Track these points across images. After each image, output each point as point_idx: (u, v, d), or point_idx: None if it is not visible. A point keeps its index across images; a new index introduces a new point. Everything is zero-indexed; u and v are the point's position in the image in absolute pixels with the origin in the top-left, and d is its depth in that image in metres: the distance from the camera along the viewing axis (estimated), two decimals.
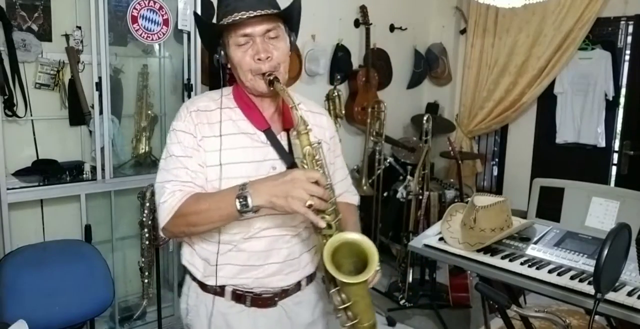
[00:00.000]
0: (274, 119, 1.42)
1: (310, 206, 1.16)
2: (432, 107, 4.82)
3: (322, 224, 1.18)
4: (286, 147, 1.39)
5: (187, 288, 1.50)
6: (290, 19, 1.38)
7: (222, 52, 1.36)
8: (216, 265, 1.38)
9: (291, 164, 1.36)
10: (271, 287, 1.41)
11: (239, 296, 1.41)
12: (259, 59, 1.30)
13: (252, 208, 1.20)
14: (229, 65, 1.39)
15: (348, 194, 1.61)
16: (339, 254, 1.21)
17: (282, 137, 1.40)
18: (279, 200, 1.18)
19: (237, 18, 1.27)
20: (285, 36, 1.36)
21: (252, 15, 1.26)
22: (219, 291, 1.41)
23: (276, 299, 1.43)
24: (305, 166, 1.23)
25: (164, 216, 1.31)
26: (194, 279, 1.46)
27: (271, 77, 1.29)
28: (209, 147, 1.34)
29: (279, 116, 1.42)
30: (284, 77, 1.35)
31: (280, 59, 1.33)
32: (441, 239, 2.05)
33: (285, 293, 1.44)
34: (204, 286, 1.43)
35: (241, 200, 1.20)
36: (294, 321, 1.47)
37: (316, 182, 1.18)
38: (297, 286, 1.47)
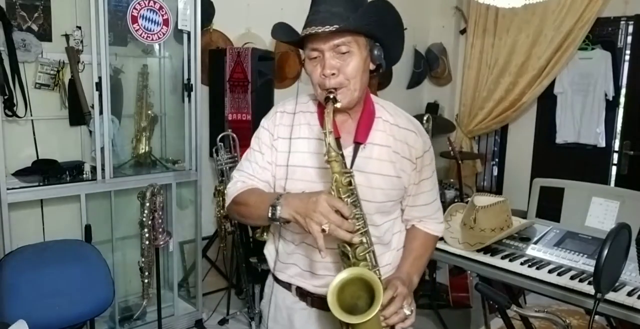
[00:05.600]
0: (349, 130, 1.38)
1: (324, 231, 1.15)
2: (432, 107, 4.82)
3: (324, 254, 1.16)
4: (349, 160, 1.34)
5: (269, 275, 1.54)
6: (368, 33, 1.31)
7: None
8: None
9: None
10: None
11: (302, 294, 1.42)
12: (324, 75, 1.28)
13: (279, 219, 1.24)
14: None
15: (430, 221, 1.50)
16: (353, 288, 1.20)
17: (349, 150, 1.36)
18: (300, 218, 1.19)
19: (307, 32, 1.26)
20: (360, 50, 1.29)
21: (319, 30, 1.24)
22: (286, 285, 1.45)
23: None
24: (333, 192, 1.21)
25: (227, 201, 1.43)
26: (270, 269, 1.50)
27: (330, 96, 1.27)
28: (281, 148, 1.39)
29: (354, 128, 1.38)
30: (352, 94, 1.31)
31: (349, 75, 1.28)
32: (441, 239, 2.05)
33: None
34: (275, 278, 1.47)
35: (272, 209, 1.24)
36: None
37: (339, 211, 1.17)
38: None
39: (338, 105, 1.26)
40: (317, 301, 1.41)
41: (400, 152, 1.38)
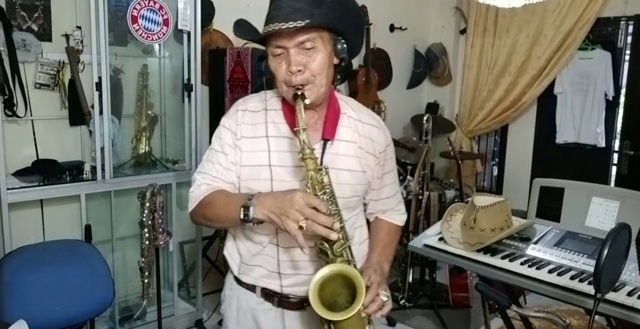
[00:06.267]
0: (316, 127, 1.37)
1: (301, 228, 1.14)
2: (432, 107, 4.82)
3: (306, 251, 1.16)
4: (318, 156, 1.32)
5: (227, 277, 1.53)
6: (333, 28, 1.30)
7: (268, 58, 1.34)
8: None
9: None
10: (300, 295, 1.39)
11: (267, 295, 1.42)
12: (290, 72, 1.27)
13: (252, 220, 1.22)
14: None
15: (393, 213, 1.57)
16: (333, 285, 1.19)
17: (317, 147, 1.34)
18: (275, 217, 1.18)
19: (271, 29, 1.23)
20: (325, 46, 1.29)
21: (283, 27, 1.21)
22: (250, 287, 1.44)
23: (305, 304, 1.38)
24: (309, 190, 1.21)
25: (190, 205, 1.39)
26: (231, 271, 1.49)
27: (298, 93, 1.25)
28: (246, 148, 1.36)
29: (321, 124, 1.38)
30: (318, 90, 1.30)
31: (315, 71, 1.27)
32: (441, 239, 2.05)
33: None
34: (237, 280, 1.46)
35: (244, 210, 1.22)
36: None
37: (315, 208, 1.17)
38: None
39: (307, 101, 1.25)
40: (283, 301, 1.41)
41: (365, 148, 1.40)
